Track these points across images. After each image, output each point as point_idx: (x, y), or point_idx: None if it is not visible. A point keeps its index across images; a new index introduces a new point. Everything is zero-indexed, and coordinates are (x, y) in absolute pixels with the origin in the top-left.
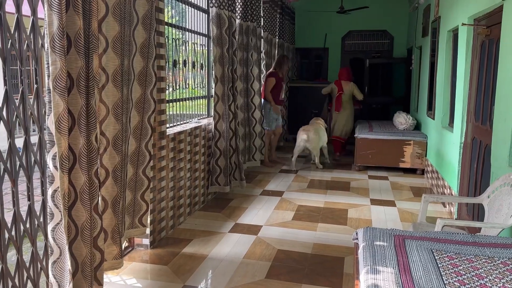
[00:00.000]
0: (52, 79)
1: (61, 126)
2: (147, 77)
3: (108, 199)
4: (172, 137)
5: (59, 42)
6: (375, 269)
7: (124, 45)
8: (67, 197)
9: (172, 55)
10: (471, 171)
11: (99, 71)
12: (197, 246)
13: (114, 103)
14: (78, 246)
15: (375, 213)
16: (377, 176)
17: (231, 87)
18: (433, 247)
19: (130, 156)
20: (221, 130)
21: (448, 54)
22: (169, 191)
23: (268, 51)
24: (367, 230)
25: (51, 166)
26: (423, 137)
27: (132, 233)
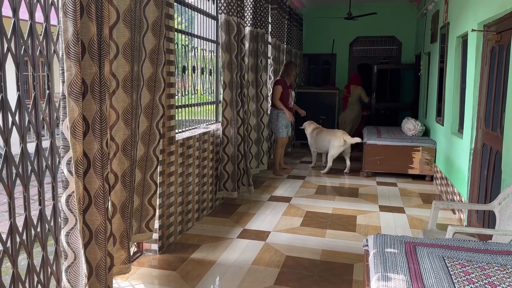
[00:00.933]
0: (67, 85)
1: (76, 131)
2: (156, 83)
3: (117, 203)
4: (181, 142)
5: (74, 49)
6: (386, 276)
7: (134, 51)
8: (82, 201)
9: (181, 61)
10: (481, 177)
11: (110, 77)
12: (205, 252)
13: (124, 109)
14: (93, 250)
15: (384, 220)
16: (386, 183)
17: (239, 92)
18: (444, 255)
19: (138, 161)
20: (229, 136)
21: (457, 60)
22: (177, 196)
23: (276, 57)
24: (377, 237)
25: (65, 171)
26: (432, 144)
27: (139, 237)
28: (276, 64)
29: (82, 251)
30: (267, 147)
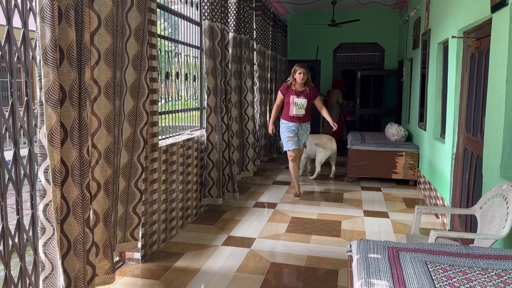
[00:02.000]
0: (44, 92)
1: (53, 138)
2: (140, 89)
3: (100, 212)
4: (165, 149)
5: (51, 54)
6: (369, 282)
7: (116, 57)
8: (60, 211)
9: (165, 67)
10: (463, 182)
11: (91, 83)
12: (189, 260)
13: (106, 115)
14: (71, 261)
15: (368, 225)
16: (370, 188)
17: (224, 98)
18: (427, 259)
19: (122, 169)
20: (214, 142)
21: (439, 66)
22: (161, 204)
23: (261, 63)
24: (360, 243)
25: (43, 180)
26: (415, 148)
27: (124, 247)
28: (261, 70)
29: (59, 262)
30: (253, 153)
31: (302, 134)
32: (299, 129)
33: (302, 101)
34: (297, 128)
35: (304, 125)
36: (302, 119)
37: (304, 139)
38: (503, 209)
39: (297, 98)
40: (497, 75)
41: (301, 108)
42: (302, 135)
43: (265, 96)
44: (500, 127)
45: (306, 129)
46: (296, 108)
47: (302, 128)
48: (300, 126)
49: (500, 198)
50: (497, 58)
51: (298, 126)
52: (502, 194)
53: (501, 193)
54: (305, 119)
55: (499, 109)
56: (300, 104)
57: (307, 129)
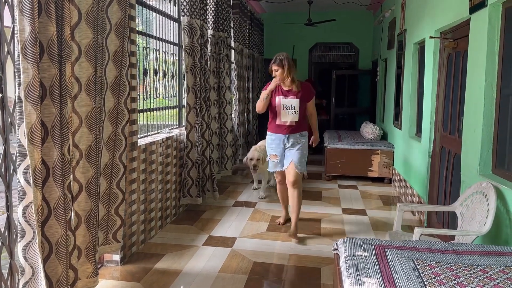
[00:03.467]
0: (24, 88)
1: (34, 137)
2: (121, 86)
3: (82, 214)
4: (144, 148)
5: (31, 49)
6: (359, 280)
7: (97, 53)
8: (41, 212)
9: (143, 64)
10: (440, 179)
11: (72, 80)
12: (170, 261)
13: (88, 113)
14: (53, 265)
15: (347, 222)
16: (347, 185)
17: (203, 97)
18: (413, 256)
19: (103, 169)
20: (193, 141)
21: (415, 66)
22: (140, 204)
23: (239, 61)
24: (347, 241)
25: (22, 180)
26: (390, 147)
27: (106, 249)
28: (239, 68)
29: (41, 266)
30: (232, 152)
31: (291, 149)
32: (285, 143)
33: (293, 102)
34: (281, 141)
35: (293, 137)
36: (292, 129)
37: (297, 156)
38: (484, 206)
39: (284, 99)
40: (476, 75)
41: (292, 112)
42: (291, 150)
43: (243, 95)
44: (478, 126)
45: (297, 142)
46: (285, 113)
47: (290, 142)
48: (287, 138)
49: (480, 195)
50: (476, 59)
51: (284, 139)
52: (482, 192)
53: (481, 190)
54: (296, 129)
55: (477, 108)
56: (290, 107)
57: (299, 142)
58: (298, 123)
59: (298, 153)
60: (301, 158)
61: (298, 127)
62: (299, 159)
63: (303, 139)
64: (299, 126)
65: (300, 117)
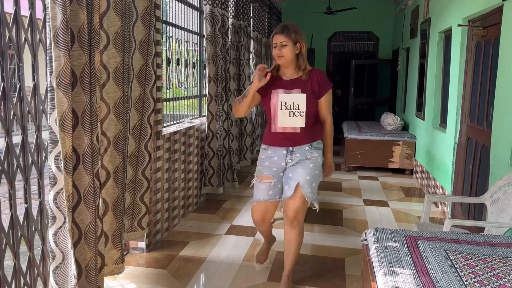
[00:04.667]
0: (55, 76)
1: (65, 124)
2: (147, 75)
3: (109, 201)
4: (168, 137)
5: (63, 37)
6: (392, 271)
7: (124, 42)
8: (71, 199)
9: (166, 53)
10: (465, 171)
11: (100, 68)
12: (194, 249)
13: (116, 102)
14: (82, 250)
15: (369, 214)
16: (367, 177)
17: (224, 86)
18: (446, 248)
19: (129, 157)
20: (215, 130)
21: (439, 55)
22: (164, 192)
23: (257, 50)
24: (377, 231)
25: (53, 167)
26: (411, 138)
27: (131, 236)
28: (258, 58)
29: (71, 251)
30: (250, 142)
31: (295, 167)
32: (287, 159)
33: (296, 98)
34: (282, 159)
35: (299, 151)
36: (296, 139)
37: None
38: None
39: (285, 95)
40: (507, 64)
41: (295, 113)
42: (296, 169)
43: None
44: (509, 116)
45: (306, 157)
46: (284, 114)
47: (295, 156)
48: (290, 153)
49: (511, 187)
50: (508, 47)
51: (285, 155)
52: None
53: None
54: (304, 138)
55: (508, 98)
56: (292, 106)
57: (308, 157)
58: (306, 130)
59: (306, 172)
60: (312, 180)
61: (306, 135)
62: (309, 182)
63: (315, 153)
64: (309, 134)
65: (309, 120)
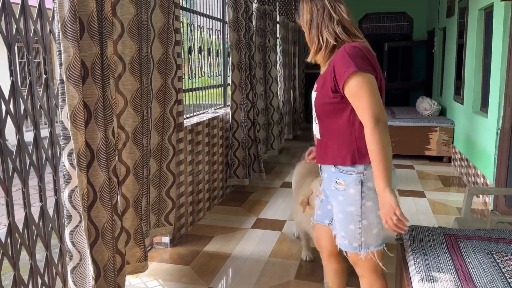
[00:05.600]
0: (65, 68)
1: (77, 119)
2: (167, 65)
3: (130, 197)
4: (190, 128)
5: (71, 27)
6: (430, 276)
7: (141, 30)
8: (86, 197)
9: (187, 41)
10: (510, 159)
11: (115, 59)
12: (219, 244)
13: (133, 94)
14: (99, 250)
15: (404, 205)
16: (402, 165)
17: (248, 74)
18: (491, 249)
19: (153, 151)
20: (239, 120)
21: (480, 34)
22: (188, 185)
23: (284, 36)
24: (413, 229)
25: (67, 164)
26: (449, 123)
27: (159, 232)
28: (285, 43)
29: (88, 251)
30: (278, 131)
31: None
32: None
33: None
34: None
35: (326, 172)
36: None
37: (338, 217)
38: None
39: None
40: None
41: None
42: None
43: (289, 71)
44: None
45: (334, 183)
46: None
47: (325, 178)
48: (321, 171)
49: None
50: None
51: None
52: None
53: None
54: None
55: None
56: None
57: (335, 187)
58: (325, 144)
59: (337, 208)
60: (346, 220)
61: (325, 151)
62: (342, 223)
63: (341, 180)
64: (329, 150)
65: (324, 129)
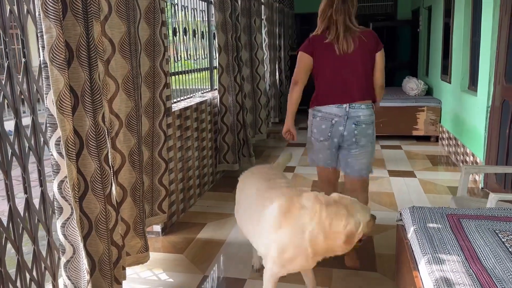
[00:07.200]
0: (48, 50)
1: (63, 105)
2: (155, 46)
3: (127, 187)
4: (178, 113)
5: (52, 5)
6: (437, 258)
7: (129, 10)
8: (77, 187)
9: (171, 22)
10: (500, 137)
11: (103, 40)
12: (212, 231)
13: (124, 77)
14: (93, 242)
15: (396, 185)
16: (390, 146)
17: (235, 56)
18: (495, 228)
19: (144, 138)
20: (227, 104)
21: (468, 11)
22: (178, 172)
23: (269, 17)
24: (414, 210)
25: (55, 153)
26: (437, 103)
27: (152, 221)
28: (270, 25)
29: (81, 244)
30: (265, 115)
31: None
32: None
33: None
34: None
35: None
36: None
37: None
38: None
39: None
40: None
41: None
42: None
43: (274, 53)
44: None
45: None
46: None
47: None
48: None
49: None
50: None
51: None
52: None
53: None
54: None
55: None
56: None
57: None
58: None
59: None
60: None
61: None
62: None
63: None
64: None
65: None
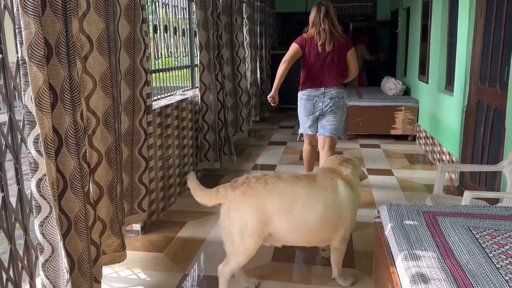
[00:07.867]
0: (26, 47)
1: (42, 102)
2: (135, 43)
3: (103, 185)
4: (159, 111)
5: (31, 1)
6: (413, 254)
7: (108, 7)
8: (56, 185)
9: (152, 19)
10: (476, 136)
11: (81, 36)
12: (192, 229)
13: (102, 74)
14: (73, 241)
15: (374, 183)
16: (369, 145)
17: (216, 55)
18: (469, 224)
19: (123, 136)
20: (208, 103)
21: (445, 14)
22: (158, 171)
23: (250, 15)
24: (391, 208)
25: (33, 151)
26: (414, 102)
27: (132, 219)
28: (251, 23)
29: (60, 243)
30: (246, 113)
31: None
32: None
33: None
34: None
35: None
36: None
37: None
38: None
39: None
40: None
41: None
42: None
43: (255, 52)
44: None
45: None
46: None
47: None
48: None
49: None
50: None
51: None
52: None
53: None
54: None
55: None
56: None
57: None
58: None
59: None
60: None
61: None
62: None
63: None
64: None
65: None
